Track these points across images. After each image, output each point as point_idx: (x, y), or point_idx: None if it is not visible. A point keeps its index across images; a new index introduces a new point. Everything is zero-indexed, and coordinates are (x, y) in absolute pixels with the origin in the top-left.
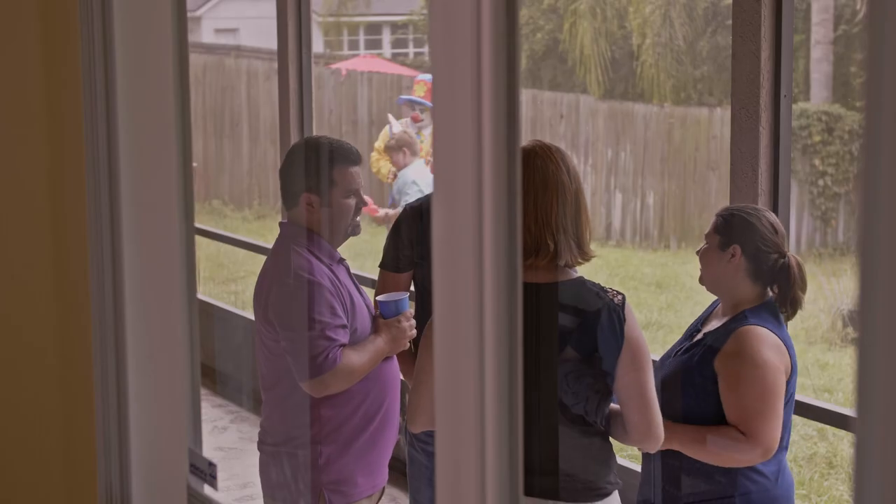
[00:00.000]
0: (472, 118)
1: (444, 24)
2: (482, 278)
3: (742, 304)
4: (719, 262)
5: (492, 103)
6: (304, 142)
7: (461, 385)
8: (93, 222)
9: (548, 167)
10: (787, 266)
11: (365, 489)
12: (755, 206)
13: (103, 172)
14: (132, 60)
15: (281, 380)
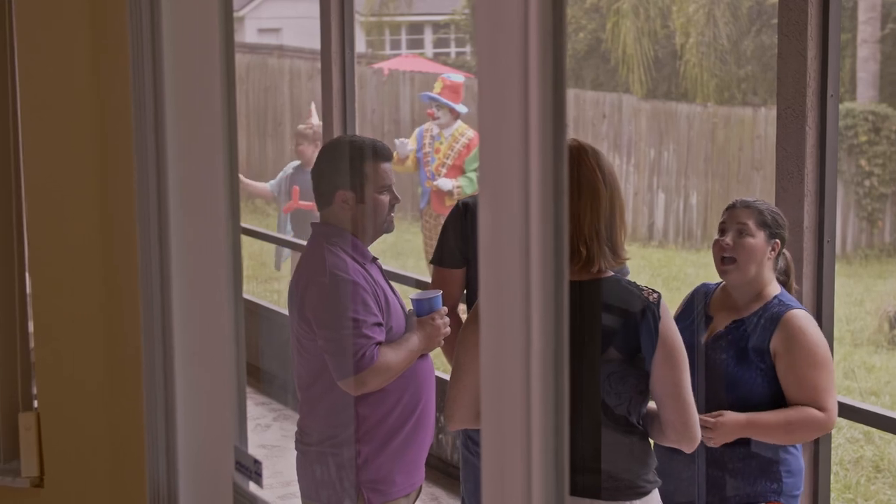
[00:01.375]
0: (518, 118)
1: (491, 23)
2: (528, 278)
3: (765, 292)
4: (763, 256)
5: (539, 103)
6: (336, 141)
7: (507, 385)
8: (141, 223)
9: (581, 171)
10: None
11: (403, 488)
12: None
13: (151, 173)
14: (180, 61)
15: (318, 379)
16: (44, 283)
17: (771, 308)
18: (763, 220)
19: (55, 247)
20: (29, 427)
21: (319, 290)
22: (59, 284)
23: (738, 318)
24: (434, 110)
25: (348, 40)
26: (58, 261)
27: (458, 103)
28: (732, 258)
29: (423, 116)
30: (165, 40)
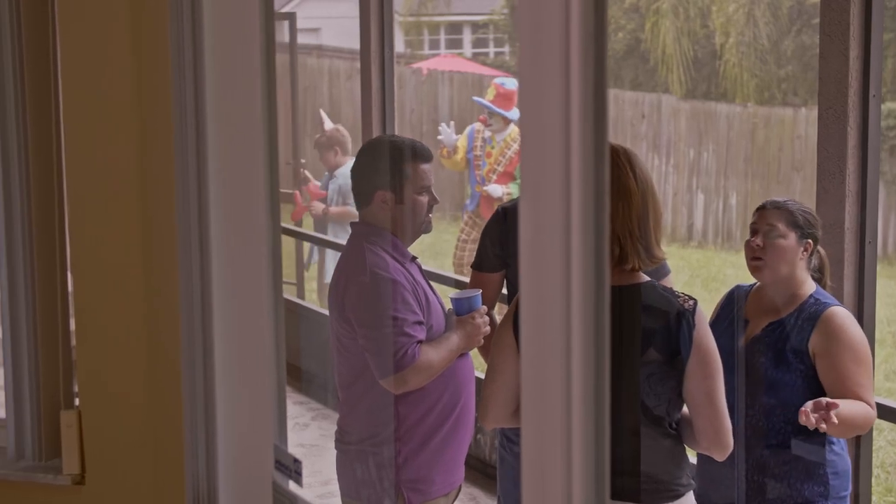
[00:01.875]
0: (560, 119)
1: (532, 24)
2: (569, 280)
3: (800, 291)
4: (794, 256)
5: (580, 104)
6: (376, 141)
7: (548, 387)
8: (181, 222)
9: (613, 172)
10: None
11: (442, 487)
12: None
13: (192, 172)
14: (220, 62)
15: (358, 378)
16: (85, 282)
17: (808, 307)
18: (794, 220)
19: (96, 246)
20: (70, 425)
21: (360, 289)
22: (100, 283)
23: (775, 320)
24: (486, 116)
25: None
26: (99, 260)
27: (511, 110)
28: (762, 258)
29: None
30: (206, 41)
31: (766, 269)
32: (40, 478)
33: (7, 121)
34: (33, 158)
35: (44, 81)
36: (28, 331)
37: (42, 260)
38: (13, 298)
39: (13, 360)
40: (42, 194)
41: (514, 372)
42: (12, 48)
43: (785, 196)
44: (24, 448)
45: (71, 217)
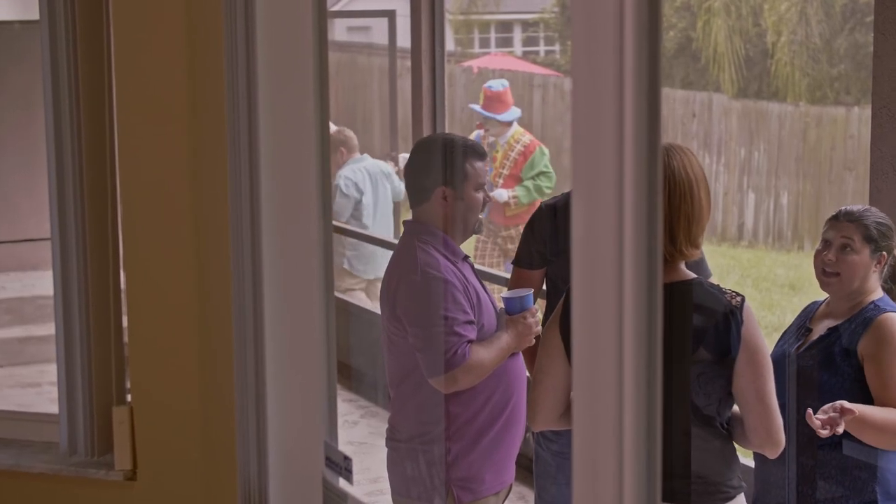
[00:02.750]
0: (613, 117)
1: (586, 23)
2: (622, 278)
3: (865, 299)
4: (867, 271)
5: (633, 102)
6: (433, 138)
7: (599, 386)
8: (234, 220)
9: None
10: (893, 264)
11: (492, 486)
12: (872, 207)
13: (244, 171)
14: (273, 60)
15: (409, 376)
16: (137, 279)
17: (865, 312)
18: (869, 234)
19: (149, 244)
20: (122, 421)
21: (411, 287)
22: (152, 280)
23: (833, 325)
24: (483, 122)
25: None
26: (151, 257)
27: (505, 111)
28: (836, 273)
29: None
30: (259, 40)
31: (837, 282)
32: (92, 473)
33: (62, 120)
34: (87, 157)
35: (98, 81)
36: (81, 327)
37: (95, 257)
38: (66, 295)
39: (66, 357)
40: (95, 193)
41: (561, 373)
42: (67, 45)
43: (846, 202)
44: (76, 443)
45: (124, 215)
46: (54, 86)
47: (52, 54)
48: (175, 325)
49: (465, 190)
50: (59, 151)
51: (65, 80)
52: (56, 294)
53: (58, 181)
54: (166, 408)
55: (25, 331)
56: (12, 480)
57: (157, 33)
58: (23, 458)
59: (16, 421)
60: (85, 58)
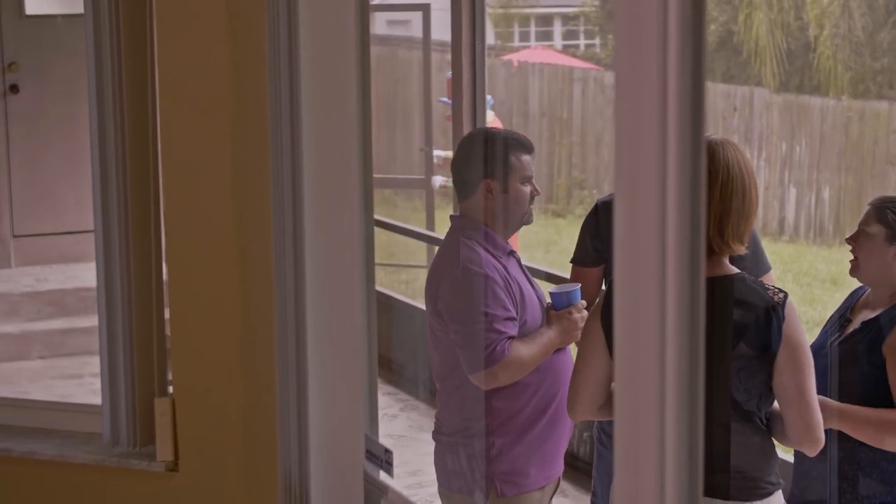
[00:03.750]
0: (656, 112)
1: (629, 16)
2: (665, 273)
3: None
4: (884, 256)
5: (677, 97)
6: (478, 132)
7: (642, 380)
8: (276, 214)
9: None
10: None
11: (537, 480)
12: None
13: (286, 165)
14: (316, 53)
15: (452, 371)
16: (180, 272)
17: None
18: (883, 218)
19: (191, 236)
20: (164, 412)
21: (452, 283)
22: (194, 273)
23: (869, 318)
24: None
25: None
26: (193, 250)
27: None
28: (854, 258)
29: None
30: (302, 32)
31: (857, 268)
32: (135, 464)
33: (105, 113)
34: (130, 149)
35: (141, 73)
36: (123, 319)
37: (137, 249)
38: (109, 287)
39: (109, 348)
40: (138, 185)
41: (602, 365)
42: (111, 38)
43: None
44: (119, 434)
45: (166, 207)
46: (98, 78)
47: (97, 47)
48: (217, 318)
49: (511, 183)
50: (103, 144)
51: (108, 73)
52: (99, 286)
53: (101, 174)
54: (208, 399)
55: (68, 322)
56: (56, 470)
57: (199, 26)
58: (66, 449)
59: (59, 412)
60: (128, 50)
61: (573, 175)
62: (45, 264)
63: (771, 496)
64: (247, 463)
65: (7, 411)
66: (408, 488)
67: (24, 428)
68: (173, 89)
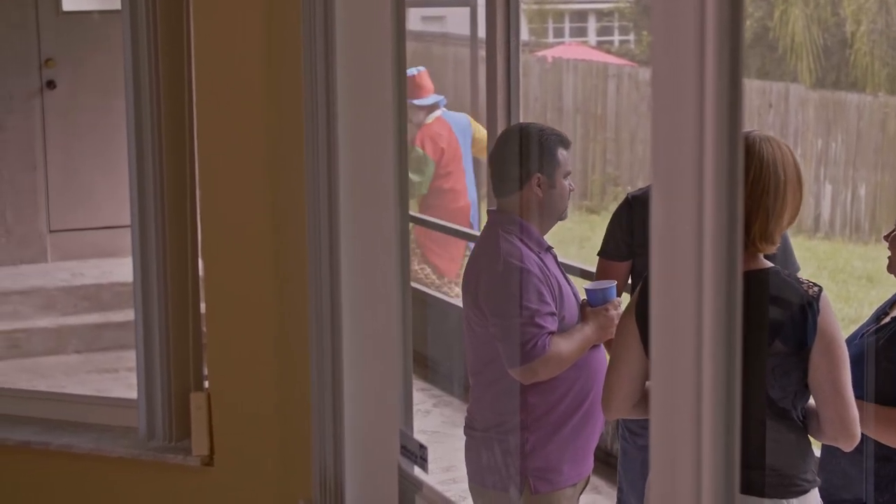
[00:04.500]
0: (694, 108)
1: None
2: (702, 269)
3: None
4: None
5: (714, 93)
6: (517, 128)
7: (678, 379)
8: (311, 209)
9: None
10: None
11: (570, 477)
12: None
13: (322, 160)
14: (352, 49)
15: (488, 366)
16: (216, 267)
17: None
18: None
19: (227, 232)
20: (200, 406)
21: (492, 277)
22: (230, 268)
23: None
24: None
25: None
26: (229, 245)
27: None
28: (892, 255)
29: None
30: (338, 28)
31: (894, 265)
32: (170, 458)
33: (142, 109)
34: (166, 145)
35: (177, 69)
36: (160, 314)
37: (174, 245)
38: (146, 282)
39: (145, 343)
40: (174, 180)
41: (637, 362)
42: (148, 34)
43: None
44: (155, 428)
45: (202, 203)
46: (135, 74)
47: (133, 43)
48: (252, 313)
49: (557, 178)
50: (139, 139)
51: (145, 69)
52: (135, 281)
53: (138, 169)
54: (243, 394)
55: (103, 317)
56: (92, 464)
57: (236, 22)
58: (102, 443)
59: (96, 406)
60: (165, 46)
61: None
62: (81, 259)
63: (807, 494)
64: (282, 457)
65: (45, 405)
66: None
67: (61, 421)
68: (209, 85)
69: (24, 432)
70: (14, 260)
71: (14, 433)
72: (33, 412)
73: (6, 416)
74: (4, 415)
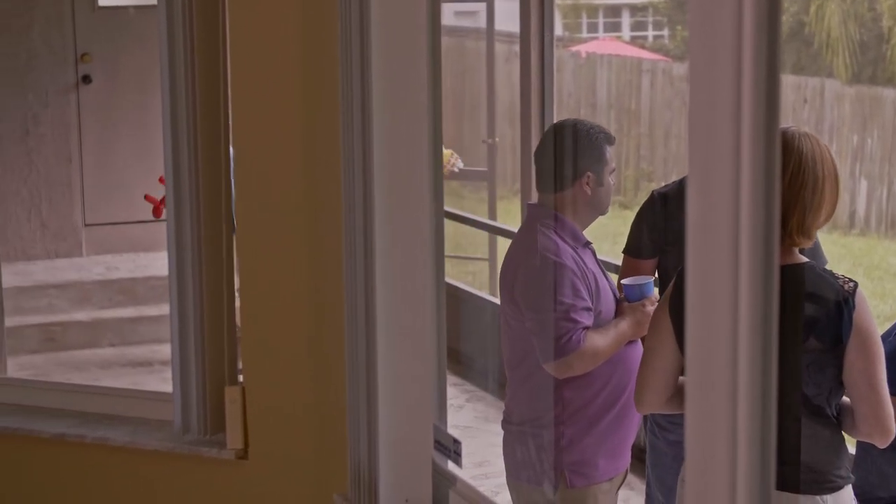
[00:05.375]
0: (730, 103)
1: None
2: (738, 265)
3: None
4: None
5: (752, 88)
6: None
7: (714, 375)
8: (346, 205)
9: None
10: None
11: (606, 472)
12: None
13: (357, 156)
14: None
15: (524, 360)
16: (250, 261)
17: None
18: None
19: (262, 226)
20: (234, 400)
21: (529, 271)
22: (265, 262)
23: None
24: None
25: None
26: (264, 240)
27: None
28: None
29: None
30: (374, 23)
31: None
32: (205, 451)
33: (178, 104)
34: (202, 139)
35: (213, 64)
36: (195, 308)
37: (209, 239)
38: (181, 277)
39: (180, 337)
40: (210, 175)
41: (670, 356)
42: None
43: None
44: (189, 422)
45: (238, 197)
46: (171, 69)
47: (170, 38)
48: (287, 308)
49: (604, 176)
50: (175, 134)
51: (181, 64)
52: (171, 275)
53: (173, 164)
54: (278, 388)
55: (138, 311)
56: (127, 456)
57: (272, 17)
58: (138, 436)
59: (131, 399)
60: (201, 41)
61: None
62: (116, 253)
63: (841, 490)
64: (316, 451)
65: (81, 398)
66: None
67: (96, 414)
68: (245, 80)
69: (59, 425)
70: (49, 254)
71: (50, 426)
72: (69, 405)
73: (42, 408)
74: (40, 407)
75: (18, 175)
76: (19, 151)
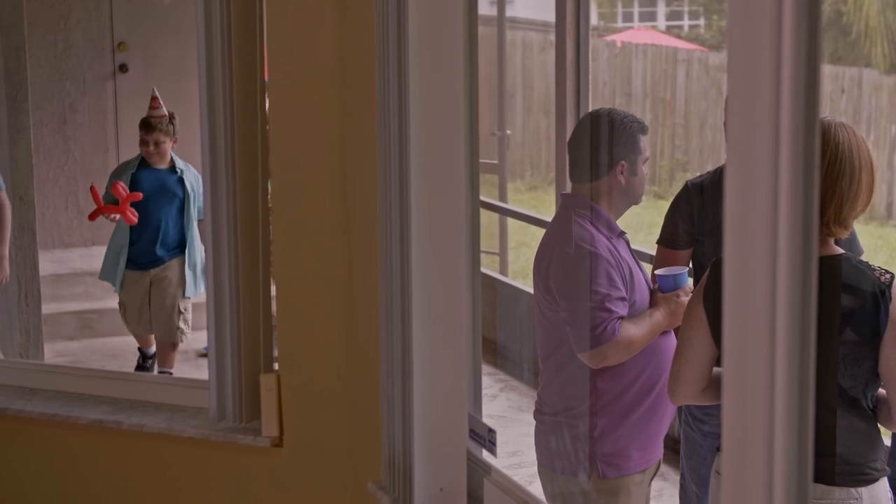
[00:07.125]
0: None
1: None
2: (776, 255)
3: None
4: None
5: (791, 78)
6: (597, 113)
7: (751, 366)
8: (382, 192)
9: None
10: None
11: (639, 463)
12: None
13: (394, 145)
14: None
15: (558, 350)
16: (286, 249)
17: None
18: None
19: (298, 216)
20: (269, 388)
21: (564, 261)
22: (300, 250)
23: None
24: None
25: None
26: (300, 228)
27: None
28: None
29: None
30: (411, 13)
31: None
32: (240, 439)
33: (215, 92)
34: (239, 130)
35: (250, 54)
36: (231, 296)
37: (245, 227)
38: (217, 266)
39: (216, 325)
40: (246, 165)
41: (704, 347)
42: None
43: None
44: (225, 409)
45: (274, 186)
46: (208, 59)
47: (207, 27)
48: (322, 296)
49: (638, 165)
50: (212, 123)
51: (218, 53)
52: (207, 264)
53: (210, 153)
54: (313, 376)
55: None
56: (163, 443)
57: (309, 7)
58: (174, 423)
59: (167, 386)
60: (238, 30)
61: (676, 157)
62: None
63: (876, 482)
64: (351, 439)
65: (117, 385)
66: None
67: (133, 401)
68: (282, 69)
69: (96, 411)
70: (86, 241)
71: (86, 412)
72: (105, 392)
73: (79, 394)
74: (77, 393)
75: (56, 163)
76: (57, 139)
